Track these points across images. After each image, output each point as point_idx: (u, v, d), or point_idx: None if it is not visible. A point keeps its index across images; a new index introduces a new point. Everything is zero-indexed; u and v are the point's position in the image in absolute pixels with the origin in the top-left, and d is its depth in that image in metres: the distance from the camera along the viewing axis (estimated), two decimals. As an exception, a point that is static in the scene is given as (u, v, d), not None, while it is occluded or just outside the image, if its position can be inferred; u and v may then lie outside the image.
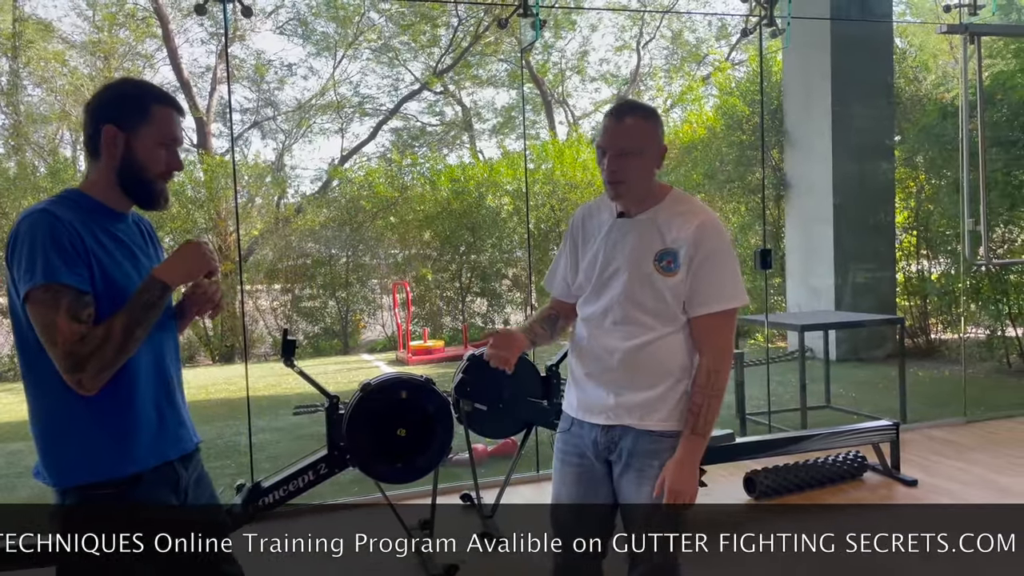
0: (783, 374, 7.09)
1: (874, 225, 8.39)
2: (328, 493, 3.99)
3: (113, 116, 1.62)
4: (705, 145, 11.08)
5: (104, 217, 1.62)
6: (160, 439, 1.66)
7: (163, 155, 1.64)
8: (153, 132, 1.63)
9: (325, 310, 12.38)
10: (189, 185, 11.84)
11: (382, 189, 12.44)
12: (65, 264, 1.50)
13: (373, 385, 3.25)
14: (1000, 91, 7.09)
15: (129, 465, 1.60)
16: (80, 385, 1.50)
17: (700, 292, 1.91)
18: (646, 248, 1.94)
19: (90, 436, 1.58)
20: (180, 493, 1.70)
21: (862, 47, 8.30)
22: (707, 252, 1.91)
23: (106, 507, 1.59)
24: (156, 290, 1.57)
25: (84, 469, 1.58)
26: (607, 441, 1.99)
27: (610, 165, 1.92)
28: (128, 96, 1.65)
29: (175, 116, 1.68)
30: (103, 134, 1.61)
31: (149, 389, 1.64)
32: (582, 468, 2.05)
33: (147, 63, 16.14)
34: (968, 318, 7.76)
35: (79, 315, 1.50)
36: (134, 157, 1.62)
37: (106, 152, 1.62)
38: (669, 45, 19.28)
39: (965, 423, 5.33)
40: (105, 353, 1.50)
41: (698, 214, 1.96)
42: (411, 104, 18.37)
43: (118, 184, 1.63)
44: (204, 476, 1.81)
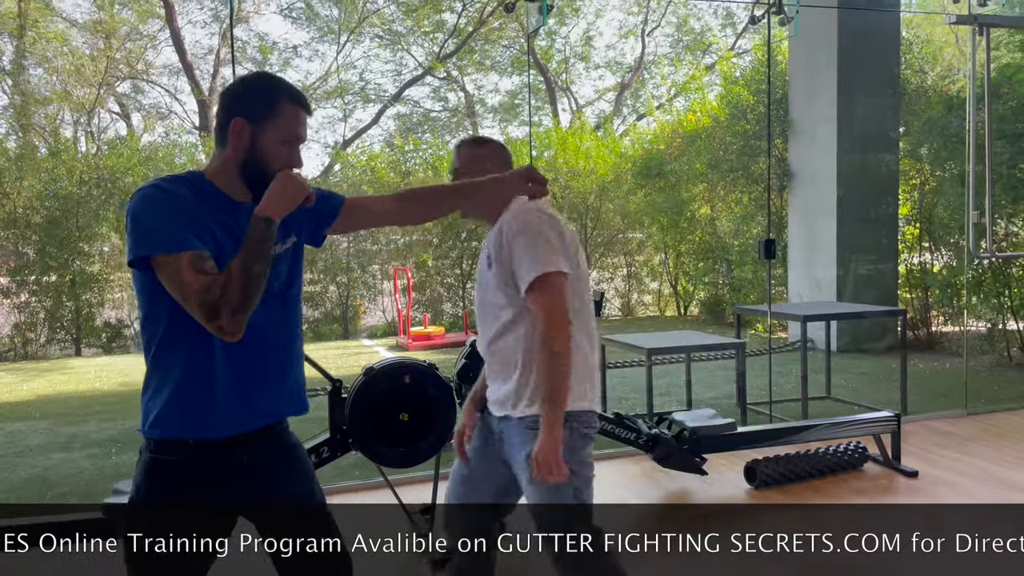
0: (784, 364, 7.09)
1: (877, 217, 8.38)
2: (330, 477, 4.00)
3: (244, 110, 1.67)
4: (709, 134, 11.05)
5: (219, 205, 1.67)
6: (235, 410, 1.68)
7: (285, 152, 1.69)
8: (279, 129, 1.68)
9: (326, 295, 12.38)
10: (191, 167, 11.81)
11: (384, 174, 12.41)
12: (182, 232, 1.56)
13: (376, 369, 3.24)
14: (1007, 84, 7.05)
15: (197, 430, 1.66)
16: (222, 331, 1.56)
17: (516, 272, 2.05)
18: (484, 254, 2.17)
19: (169, 395, 1.65)
20: (245, 468, 1.71)
21: (869, 37, 8.26)
22: (509, 237, 2.07)
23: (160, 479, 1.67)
24: (260, 225, 1.60)
25: (160, 424, 1.66)
26: (499, 431, 2.19)
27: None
28: (262, 91, 1.70)
29: (302, 115, 1.72)
30: (232, 126, 1.66)
31: (236, 361, 1.66)
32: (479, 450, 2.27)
33: (149, 43, 16.09)
34: (970, 311, 7.76)
35: (202, 267, 1.55)
36: (257, 151, 1.67)
37: (233, 143, 1.67)
38: (674, 33, 19.19)
39: (966, 415, 5.34)
40: (232, 295, 1.55)
41: (512, 207, 2.13)
42: (414, 90, 18.31)
43: (240, 175, 1.68)
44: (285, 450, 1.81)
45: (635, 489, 4.04)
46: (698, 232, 11.90)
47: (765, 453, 4.08)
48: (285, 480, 1.79)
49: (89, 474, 4.80)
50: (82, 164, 11.09)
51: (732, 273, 11.24)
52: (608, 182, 12.22)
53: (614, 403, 5.84)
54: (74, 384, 7.97)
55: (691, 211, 11.75)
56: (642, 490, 4.04)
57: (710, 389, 6.52)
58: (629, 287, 13.29)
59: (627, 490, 4.02)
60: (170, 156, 11.66)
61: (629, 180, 12.16)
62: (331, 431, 3.30)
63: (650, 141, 12.75)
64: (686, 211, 11.67)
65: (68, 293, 10.73)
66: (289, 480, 1.80)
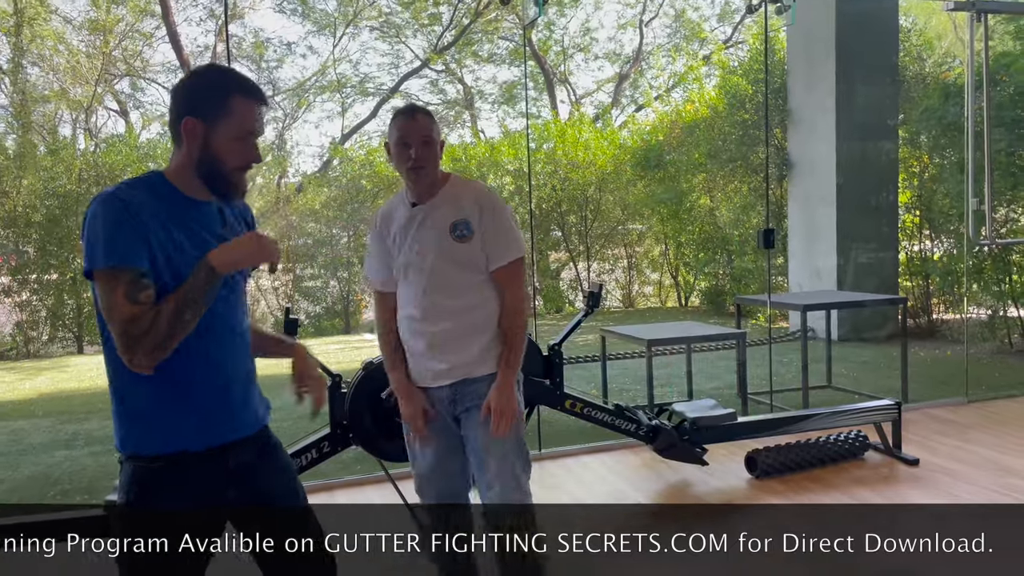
0: (785, 354, 7.09)
1: (877, 205, 8.36)
2: (331, 471, 4.00)
3: (194, 108, 1.62)
4: (708, 124, 11.02)
5: (179, 205, 1.63)
6: (214, 420, 1.67)
7: (240, 148, 1.64)
8: (232, 125, 1.63)
9: (327, 290, 12.39)
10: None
11: (383, 168, 12.40)
12: (127, 247, 1.53)
13: (376, 363, 3.25)
14: (1004, 72, 7.03)
15: (176, 442, 1.64)
16: (132, 363, 1.54)
17: (496, 247, 2.28)
18: (441, 225, 2.27)
19: (145, 409, 1.63)
20: (231, 474, 1.70)
21: (867, 25, 8.23)
22: (490, 212, 2.29)
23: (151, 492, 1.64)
24: (202, 273, 1.57)
25: (136, 440, 1.65)
26: (452, 395, 2.33)
27: (416, 154, 2.25)
28: (210, 87, 1.65)
29: (256, 108, 1.66)
30: (183, 125, 1.62)
31: (208, 370, 1.65)
32: (437, 426, 2.39)
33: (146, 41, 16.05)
34: (970, 298, 7.75)
35: (136, 296, 1.52)
36: (211, 149, 1.62)
37: (186, 143, 1.63)
38: (672, 23, 19.13)
39: (966, 403, 5.34)
40: (156, 335, 1.52)
41: (475, 187, 2.39)
42: (412, 83, 18.27)
43: (196, 174, 1.65)
44: (270, 461, 1.80)
45: (636, 481, 4.05)
46: (698, 223, 11.88)
47: (766, 443, 4.08)
48: (271, 481, 1.79)
49: (92, 471, 4.81)
50: (81, 162, 11.09)
51: (732, 263, 11.23)
52: (607, 173, 12.20)
53: (615, 394, 5.84)
54: (76, 382, 7.98)
55: (691, 202, 11.73)
56: (643, 482, 4.05)
57: (711, 379, 6.53)
58: (630, 278, 13.28)
59: (628, 482, 4.03)
60: (168, 153, 11.62)
61: (628, 171, 12.15)
62: (331, 426, 3.31)
63: (649, 132, 12.72)
64: (686, 202, 11.65)
65: (69, 291, 10.74)
66: (275, 480, 1.80)
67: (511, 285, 2.31)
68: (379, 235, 2.43)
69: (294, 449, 3.31)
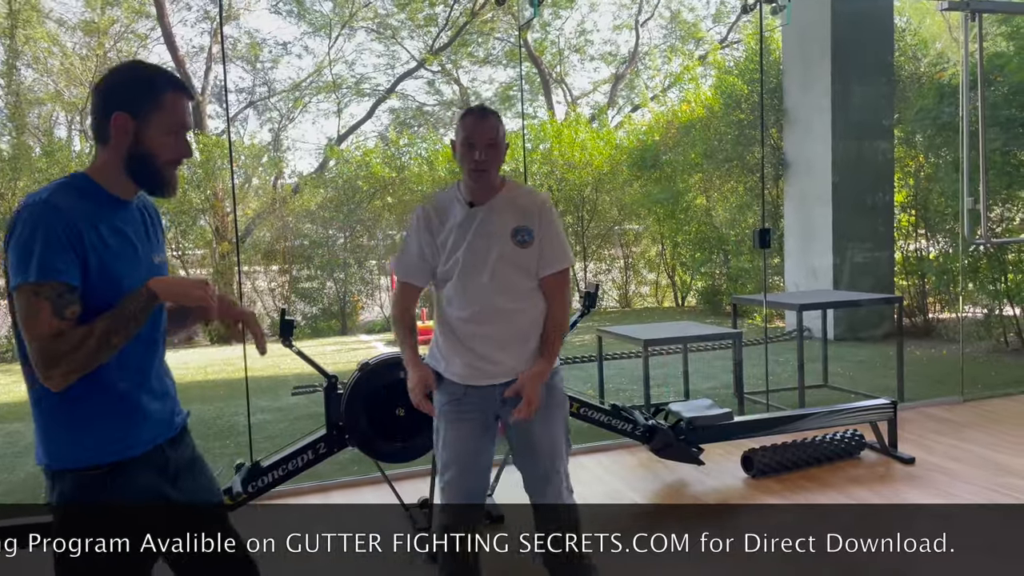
0: (781, 354, 7.10)
1: (872, 204, 8.38)
2: (328, 472, 4.00)
3: (124, 103, 1.59)
4: (704, 124, 11.03)
5: (107, 205, 1.61)
6: (146, 424, 1.66)
7: (172, 142, 1.63)
8: (163, 120, 1.61)
9: (323, 291, 12.38)
10: (185, 166, 11.77)
11: (379, 169, 12.39)
12: (57, 259, 1.49)
13: (371, 364, 3.25)
14: (998, 73, 7.05)
15: (116, 451, 1.61)
16: (48, 380, 1.50)
17: (549, 255, 2.33)
18: (503, 229, 2.30)
19: (78, 421, 1.59)
20: (169, 475, 1.71)
21: (862, 25, 8.25)
22: (548, 220, 2.34)
23: (98, 498, 1.60)
24: (143, 299, 1.56)
25: (72, 454, 1.60)
26: (500, 396, 2.32)
27: (480, 156, 2.28)
28: (139, 82, 1.62)
29: (185, 102, 1.65)
30: (113, 121, 1.59)
31: (132, 372, 1.64)
32: (479, 424, 2.37)
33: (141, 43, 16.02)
34: (966, 297, 7.77)
35: (62, 312, 1.49)
36: (143, 145, 1.60)
37: (115, 139, 1.60)
38: (667, 24, 19.14)
39: (962, 402, 5.35)
40: (79, 355, 1.49)
41: (531, 193, 2.43)
42: (408, 84, 18.27)
43: (125, 171, 1.62)
44: (197, 456, 1.81)
45: (632, 481, 4.05)
46: (694, 222, 11.89)
47: (762, 442, 4.09)
48: (198, 480, 1.79)
49: (88, 474, 4.79)
50: (76, 164, 11.06)
51: (729, 263, 11.24)
52: (604, 174, 12.21)
53: (611, 394, 5.84)
54: (72, 384, 7.94)
55: (687, 202, 11.74)
56: (639, 482, 4.05)
57: (708, 379, 6.53)
58: (626, 278, 13.29)
59: (624, 482, 4.02)
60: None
61: (625, 171, 12.16)
62: (327, 427, 3.30)
63: (645, 132, 12.74)
64: (682, 202, 11.66)
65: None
66: (201, 480, 1.80)
67: (559, 292, 2.36)
68: (429, 228, 2.37)
69: (290, 451, 3.31)
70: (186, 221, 11.85)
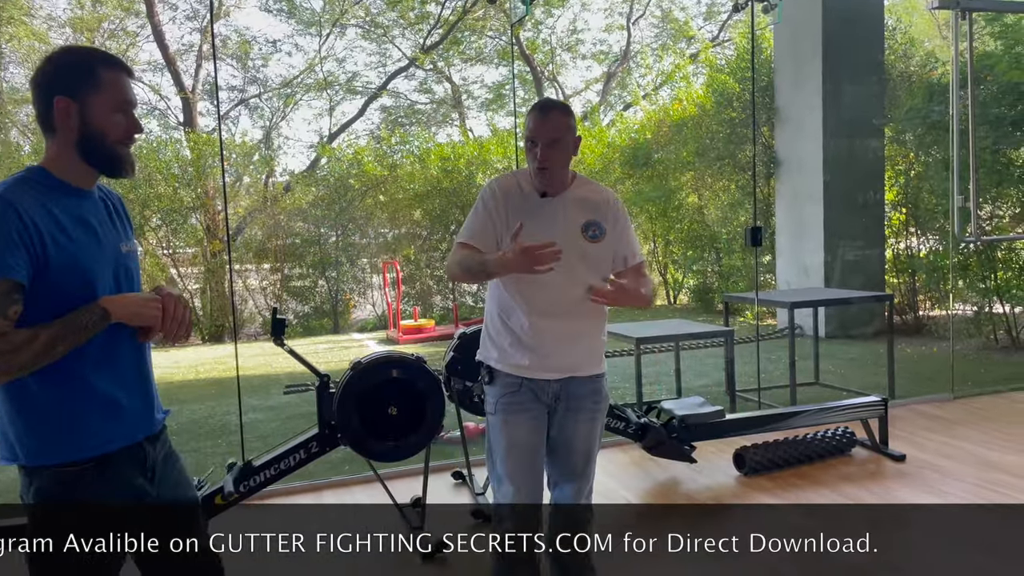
0: (772, 351, 7.12)
1: (863, 203, 8.41)
2: (319, 472, 3.99)
3: (62, 87, 1.57)
4: (696, 123, 11.05)
5: (66, 196, 1.59)
6: (125, 420, 1.65)
7: (121, 120, 1.61)
8: (106, 98, 1.59)
9: (315, 289, 12.34)
10: (176, 164, 11.73)
11: (371, 167, 12.36)
12: (8, 256, 1.47)
13: (364, 363, 3.24)
14: (988, 72, 7.08)
15: (94, 446, 1.60)
16: None
17: (623, 250, 2.32)
18: (574, 223, 2.27)
19: (54, 417, 1.57)
20: (148, 471, 1.69)
21: (854, 24, 8.27)
22: (620, 219, 2.33)
23: (76, 494, 1.58)
24: (95, 315, 1.54)
25: (50, 450, 1.58)
26: (558, 391, 2.31)
27: (542, 155, 2.23)
28: (74, 65, 1.60)
29: (125, 79, 1.63)
30: (55, 106, 1.57)
31: (110, 369, 1.62)
32: (536, 417, 2.33)
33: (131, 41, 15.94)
34: (956, 295, 7.80)
35: (5, 311, 1.47)
36: (91, 126, 1.58)
37: (62, 125, 1.58)
38: (659, 23, 19.16)
39: (952, 399, 5.38)
40: (19, 357, 1.47)
41: (601, 188, 2.40)
42: (400, 83, 18.23)
43: (80, 157, 1.60)
44: (172, 453, 1.79)
45: (624, 479, 4.05)
46: (686, 221, 11.91)
47: (754, 439, 4.10)
48: (177, 479, 1.77)
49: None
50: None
51: (720, 261, 11.26)
52: (596, 172, 12.21)
53: (604, 393, 5.84)
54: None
55: (679, 200, 11.76)
56: (632, 480, 4.05)
57: (700, 377, 6.55)
58: (618, 277, 13.29)
59: (617, 480, 4.03)
60: (154, 153, 11.57)
61: (617, 170, 12.16)
62: (319, 426, 3.29)
63: (637, 130, 12.74)
64: (674, 200, 11.68)
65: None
66: (179, 480, 1.78)
67: (641, 276, 2.31)
68: (494, 208, 2.28)
69: (282, 450, 3.30)
70: (177, 219, 11.79)
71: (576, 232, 2.25)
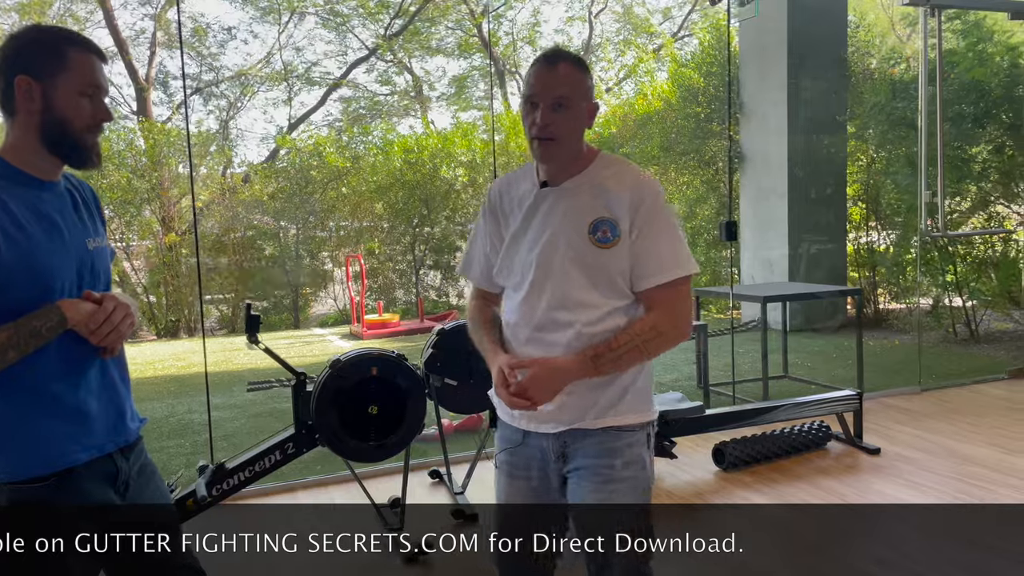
0: (740, 344, 7.15)
1: (826, 198, 8.51)
2: (292, 472, 3.87)
3: (25, 66, 1.44)
4: (661, 117, 11.07)
5: (25, 187, 1.46)
6: (94, 430, 1.53)
7: (87, 105, 1.48)
8: (73, 80, 1.46)
9: (274, 283, 12.11)
10: (130, 154, 11.39)
11: (333, 159, 12.15)
12: None
13: (343, 361, 3.14)
14: (951, 71, 7.20)
15: (57, 459, 1.48)
16: None
17: (647, 261, 1.67)
18: (577, 219, 1.68)
19: (9, 429, 1.45)
20: (119, 486, 1.58)
21: (819, 20, 8.34)
22: (651, 216, 1.67)
23: (38, 507, 1.46)
24: (53, 320, 1.42)
25: (8, 465, 1.46)
26: (560, 448, 1.74)
27: (542, 119, 1.65)
28: (40, 42, 1.47)
29: (96, 61, 1.50)
30: (17, 86, 1.44)
31: (76, 375, 1.50)
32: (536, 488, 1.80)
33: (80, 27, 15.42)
34: (916, 288, 7.94)
35: None
36: (54, 110, 1.45)
37: (23, 108, 1.45)
38: (621, 17, 19.18)
39: (920, 392, 5.45)
40: None
41: (631, 173, 1.72)
42: (360, 75, 17.97)
43: (42, 144, 1.47)
44: (148, 465, 1.68)
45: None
46: (650, 215, 11.94)
47: (732, 435, 4.09)
48: (146, 488, 1.66)
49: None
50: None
51: (685, 255, 11.31)
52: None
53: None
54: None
55: (643, 194, 11.78)
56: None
57: (669, 371, 6.55)
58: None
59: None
60: (106, 141, 11.22)
61: (581, 163, 12.14)
62: (296, 426, 3.18)
63: (602, 124, 12.73)
64: (638, 194, 11.70)
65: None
66: (149, 487, 1.67)
67: (673, 306, 1.68)
68: (495, 213, 1.80)
69: (256, 451, 3.18)
70: (131, 211, 11.46)
71: (581, 232, 1.67)
